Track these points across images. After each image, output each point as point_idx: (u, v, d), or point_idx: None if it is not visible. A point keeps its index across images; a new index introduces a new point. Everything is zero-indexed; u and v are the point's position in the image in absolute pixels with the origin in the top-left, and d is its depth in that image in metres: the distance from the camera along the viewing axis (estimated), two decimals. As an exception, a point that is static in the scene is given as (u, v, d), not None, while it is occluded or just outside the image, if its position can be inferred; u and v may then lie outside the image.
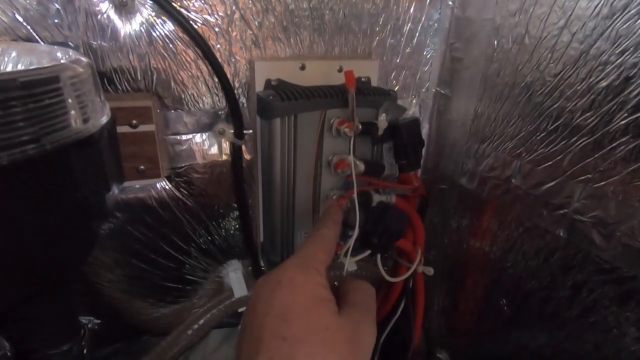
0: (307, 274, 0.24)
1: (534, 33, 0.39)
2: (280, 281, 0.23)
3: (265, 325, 0.22)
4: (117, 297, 0.48)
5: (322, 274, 0.25)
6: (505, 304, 0.46)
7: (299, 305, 0.22)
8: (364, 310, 0.25)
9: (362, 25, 0.46)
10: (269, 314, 0.22)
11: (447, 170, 0.54)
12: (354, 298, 0.26)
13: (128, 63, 0.39)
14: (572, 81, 0.35)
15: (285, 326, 0.21)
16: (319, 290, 0.24)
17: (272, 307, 0.22)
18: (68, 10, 0.35)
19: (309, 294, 0.23)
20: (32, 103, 0.21)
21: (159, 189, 0.45)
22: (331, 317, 0.23)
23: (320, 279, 0.24)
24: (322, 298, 0.24)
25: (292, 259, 0.25)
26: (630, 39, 0.30)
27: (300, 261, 0.25)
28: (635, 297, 0.32)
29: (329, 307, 0.23)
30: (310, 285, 0.24)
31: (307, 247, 0.27)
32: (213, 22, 0.40)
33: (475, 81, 0.47)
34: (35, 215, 0.24)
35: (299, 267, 0.24)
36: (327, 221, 0.30)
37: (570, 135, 0.36)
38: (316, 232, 0.29)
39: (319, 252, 0.26)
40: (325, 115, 0.40)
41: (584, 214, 0.35)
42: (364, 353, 0.24)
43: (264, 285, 0.24)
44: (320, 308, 0.23)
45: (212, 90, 0.43)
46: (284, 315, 0.22)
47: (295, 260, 0.25)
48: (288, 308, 0.22)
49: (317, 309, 0.23)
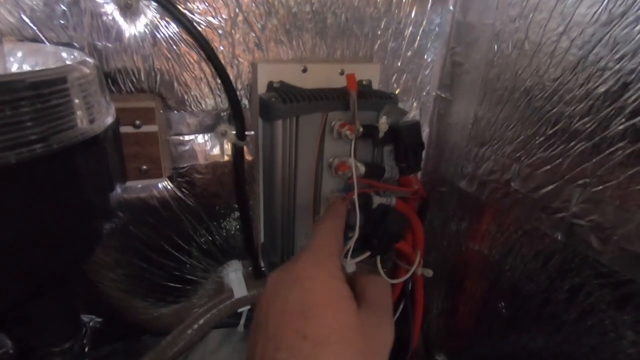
0: (326, 270, 0.23)
1: (534, 38, 0.39)
2: (299, 277, 0.22)
3: (284, 323, 0.21)
4: (118, 296, 0.49)
5: (339, 268, 0.24)
6: (503, 306, 0.47)
7: (321, 302, 0.22)
8: (383, 308, 0.25)
9: (363, 29, 0.47)
10: (287, 312, 0.21)
11: (447, 173, 0.54)
12: (373, 296, 0.25)
13: (132, 64, 0.39)
14: (571, 86, 0.36)
15: (306, 324, 0.21)
16: (340, 286, 0.23)
17: (292, 303, 0.21)
18: (73, 11, 0.36)
19: (330, 291, 0.22)
20: (40, 103, 0.22)
21: (161, 189, 0.45)
22: (353, 315, 0.22)
23: (339, 274, 0.23)
24: (343, 294, 0.23)
25: (307, 253, 0.24)
26: (628, 45, 0.31)
27: (317, 256, 0.24)
28: (632, 301, 0.32)
29: (349, 305, 0.22)
30: (331, 281, 0.23)
31: (319, 240, 0.26)
32: (216, 25, 0.41)
33: (475, 85, 0.48)
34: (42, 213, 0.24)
35: (317, 262, 0.23)
36: (334, 212, 0.29)
37: (569, 140, 0.36)
38: (325, 225, 0.28)
39: (332, 246, 0.25)
40: (327, 118, 0.40)
41: (582, 217, 0.36)
42: (384, 352, 0.23)
43: (280, 281, 0.23)
44: (342, 305, 0.22)
45: (214, 92, 0.43)
46: (305, 312, 0.21)
47: (311, 255, 0.24)
48: (308, 305, 0.21)
49: (338, 306, 0.22)
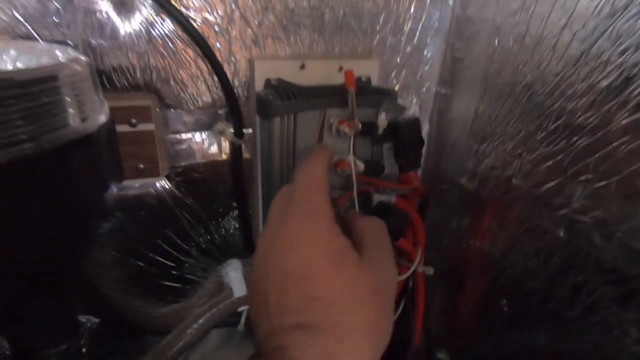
0: (318, 225, 0.22)
1: (535, 32, 0.39)
2: (294, 239, 0.21)
3: (288, 287, 0.20)
4: (117, 297, 0.48)
5: (333, 220, 0.23)
6: (505, 304, 0.46)
7: (322, 261, 0.21)
8: (384, 250, 0.24)
9: (362, 24, 0.46)
10: (289, 275, 0.21)
11: (448, 170, 0.54)
12: (371, 239, 0.24)
13: (127, 61, 0.39)
14: (573, 81, 0.35)
15: (312, 286, 0.20)
16: (337, 239, 0.22)
17: (292, 266, 0.21)
18: (67, 9, 0.35)
19: (329, 247, 0.21)
20: (29, 102, 0.21)
21: (159, 188, 0.45)
22: (356, 266, 0.22)
23: (333, 226, 0.22)
24: (342, 248, 0.22)
25: (295, 208, 0.23)
26: (632, 38, 0.30)
27: (307, 211, 0.23)
28: (636, 298, 0.32)
29: (351, 257, 0.22)
30: (326, 236, 0.22)
31: (305, 192, 0.24)
32: (213, 21, 0.40)
33: (475, 80, 0.47)
34: (34, 214, 0.24)
35: (309, 218, 0.22)
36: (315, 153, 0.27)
37: (571, 135, 0.36)
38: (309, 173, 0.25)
39: (321, 196, 0.23)
40: (325, 115, 0.40)
41: (585, 214, 0.35)
42: (391, 294, 0.23)
43: (273, 243, 0.22)
44: (344, 259, 0.22)
45: (211, 89, 0.43)
46: (307, 274, 0.20)
47: (301, 211, 0.23)
48: (311, 266, 0.21)
49: (340, 263, 0.21)
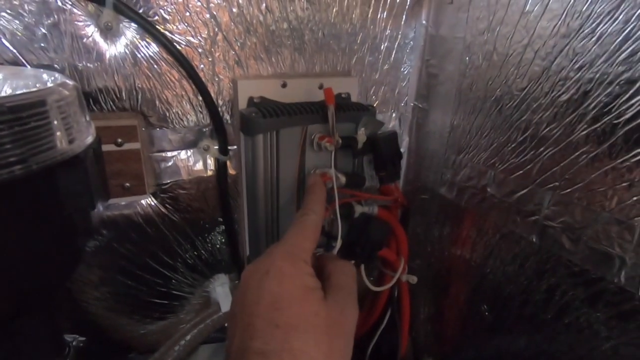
0: (294, 264, 0.25)
1: (501, 50, 0.41)
2: (268, 271, 0.24)
3: (256, 313, 0.23)
4: (103, 315, 0.48)
5: (308, 263, 0.26)
6: (486, 309, 0.48)
7: (289, 294, 0.24)
8: (347, 292, 0.27)
9: (340, 44, 0.48)
10: (260, 303, 0.23)
11: (428, 180, 0.56)
12: (337, 281, 0.27)
13: (113, 83, 0.40)
14: (537, 95, 0.38)
15: (277, 314, 0.23)
16: (306, 279, 0.25)
17: (262, 296, 0.23)
18: (54, 34, 0.36)
19: (297, 284, 0.24)
20: (18, 126, 0.22)
21: (145, 206, 0.46)
22: (319, 303, 0.24)
23: (307, 269, 0.26)
24: (309, 287, 0.25)
25: (279, 247, 0.26)
26: (586, 56, 0.33)
27: (287, 251, 0.26)
28: (603, 298, 0.33)
29: (316, 295, 0.25)
30: (298, 275, 0.25)
31: (293, 235, 0.27)
32: (196, 44, 0.42)
33: (450, 95, 0.49)
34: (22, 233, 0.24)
35: (286, 257, 0.25)
36: (312, 205, 0.31)
37: (538, 146, 0.38)
38: (301, 219, 0.29)
39: (305, 242, 0.27)
40: (307, 131, 0.41)
41: (554, 219, 0.37)
42: (349, 332, 0.25)
43: (252, 275, 0.25)
44: (309, 296, 0.24)
45: (196, 109, 0.44)
46: (275, 304, 0.23)
47: (282, 250, 0.26)
48: (278, 297, 0.23)
49: (306, 297, 0.24)
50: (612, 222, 0.32)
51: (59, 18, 0.36)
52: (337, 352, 0.24)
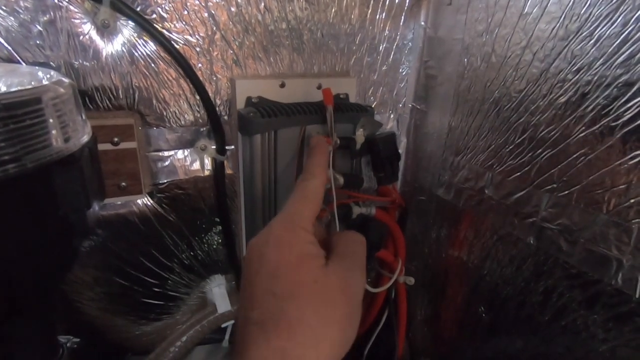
0: (292, 232, 0.25)
1: (500, 52, 0.41)
2: (267, 241, 0.24)
3: (256, 282, 0.23)
4: (98, 316, 0.48)
5: (308, 230, 0.25)
6: (483, 311, 0.48)
7: (286, 262, 0.23)
8: (352, 259, 0.26)
9: (339, 44, 0.48)
10: (259, 272, 0.23)
11: (425, 182, 0.56)
12: (342, 249, 0.27)
13: (110, 82, 0.40)
14: (535, 97, 0.38)
15: (274, 282, 0.23)
16: (306, 247, 0.25)
17: (262, 265, 0.23)
18: (50, 32, 0.36)
19: (295, 252, 0.24)
20: (13, 124, 0.22)
21: (141, 205, 0.45)
22: (318, 270, 0.24)
23: (306, 236, 0.25)
24: (308, 254, 0.24)
25: (278, 217, 0.26)
26: (584, 58, 0.33)
27: (286, 219, 0.26)
28: (600, 300, 0.33)
29: (315, 262, 0.24)
30: (296, 242, 0.24)
31: (292, 203, 0.27)
32: (194, 43, 0.42)
33: (448, 97, 0.49)
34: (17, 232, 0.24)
35: (285, 225, 0.25)
36: (312, 169, 0.30)
37: (536, 148, 0.38)
38: (301, 185, 0.28)
39: (304, 209, 0.27)
40: (305, 131, 0.41)
41: (551, 221, 0.37)
42: (353, 301, 0.24)
43: (253, 246, 0.25)
44: (307, 263, 0.24)
45: (193, 108, 0.44)
46: (273, 272, 0.23)
47: (280, 219, 0.26)
48: (276, 266, 0.23)
49: (304, 265, 0.24)
50: (609, 224, 0.32)
51: (55, 15, 0.36)
52: (339, 320, 0.23)
